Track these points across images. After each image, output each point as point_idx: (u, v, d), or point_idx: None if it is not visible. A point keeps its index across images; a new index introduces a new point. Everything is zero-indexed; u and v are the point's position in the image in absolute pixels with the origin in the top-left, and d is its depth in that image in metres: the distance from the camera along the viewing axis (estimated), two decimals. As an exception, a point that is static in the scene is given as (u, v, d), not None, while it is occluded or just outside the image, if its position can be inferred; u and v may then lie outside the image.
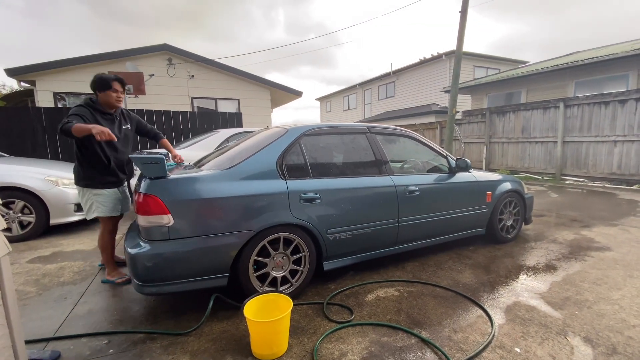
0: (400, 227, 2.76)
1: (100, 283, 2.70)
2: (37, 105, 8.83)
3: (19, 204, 3.80)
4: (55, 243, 3.74)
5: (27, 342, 1.85)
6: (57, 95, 9.27)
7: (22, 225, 3.86)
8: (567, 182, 8.26)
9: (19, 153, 6.00)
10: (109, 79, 2.53)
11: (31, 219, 3.87)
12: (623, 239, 3.70)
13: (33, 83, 9.26)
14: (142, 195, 1.94)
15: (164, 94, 10.05)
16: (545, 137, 8.83)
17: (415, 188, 2.82)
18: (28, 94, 11.24)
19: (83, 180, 2.54)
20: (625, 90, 7.96)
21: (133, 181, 4.79)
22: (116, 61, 9.41)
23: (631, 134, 7.19)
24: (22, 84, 9.63)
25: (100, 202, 2.57)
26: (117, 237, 3.99)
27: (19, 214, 3.82)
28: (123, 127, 2.69)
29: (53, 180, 3.96)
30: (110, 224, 2.68)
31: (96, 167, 2.52)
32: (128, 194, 2.85)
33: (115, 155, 2.60)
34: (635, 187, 7.09)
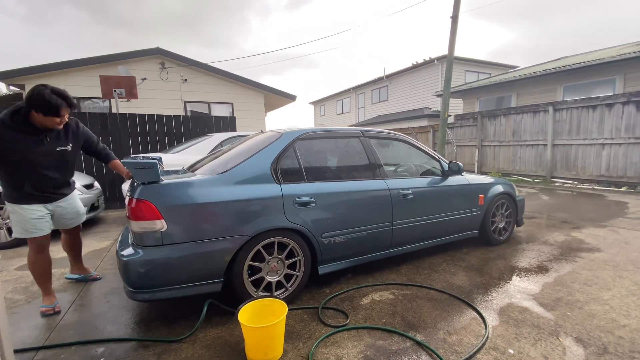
0: (394, 230, 2.77)
1: (91, 291, 2.66)
2: (26, 110, 8.69)
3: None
4: (45, 249, 3.66)
5: (16, 351, 1.81)
6: (47, 100, 9.14)
7: (10, 231, 3.78)
8: (557, 184, 8.39)
9: (7, 158, 5.88)
10: (59, 106, 2.01)
11: (20, 225, 3.80)
12: (612, 240, 3.76)
13: (22, 87, 9.12)
14: (134, 200, 1.92)
15: (156, 98, 9.99)
16: (535, 140, 8.98)
17: (409, 191, 2.85)
18: (17, 98, 11.05)
19: (8, 196, 2.15)
20: (612, 94, 8.15)
21: (125, 186, 4.74)
22: (108, 65, 9.34)
23: (618, 136, 7.34)
24: (11, 87, 9.49)
25: (15, 220, 2.16)
26: (109, 243, 3.96)
27: (7, 221, 3.75)
28: (58, 149, 2.19)
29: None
30: (34, 244, 2.23)
31: (9, 180, 2.12)
32: (75, 207, 2.47)
33: (36, 178, 2.16)
34: (623, 188, 7.23)
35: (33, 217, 2.18)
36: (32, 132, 2.06)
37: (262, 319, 1.84)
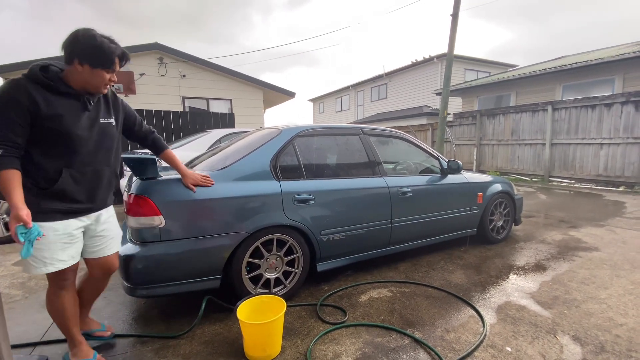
0: (393, 228, 2.77)
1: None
2: (23, 104, 8.62)
3: (5, 205, 3.71)
4: (42, 245, 3.65)
5: (14, 346, 1.80)
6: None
7: (7, 226, 3.77)
8: (555, 183, 8.41)
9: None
10: (113, 53, 1.44)
11: (17, 220, 3.78)
12: (610, 239, 3.78)
13: (19, 81, 9.04)
14: (132, 196, 1.91)
15: (154, 93, 9.93)
16: (534, 139, 8.99)
17: (408, 189, 2.84)
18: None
19: None
20: (611, 94, 8.16)
21: (123, 182, 4.72)
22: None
23: (617, 136, 7.36)
24: (8, 82, 9.41)
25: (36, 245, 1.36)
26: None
27: (5, 215, 3.73)
28: (102, 120, 1.55)
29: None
30: (57, 278, 1.53)
31: (29, 184, 1.38)
32: (115, 225, 1.74)
33: (76, 162, 1.46)
34: (620, 188, 7.26)
35: (68, 236, 1.49)
36: (71, 94, 1.44)
37: (261, 315, 1.83)
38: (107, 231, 1.66)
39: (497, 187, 3.61)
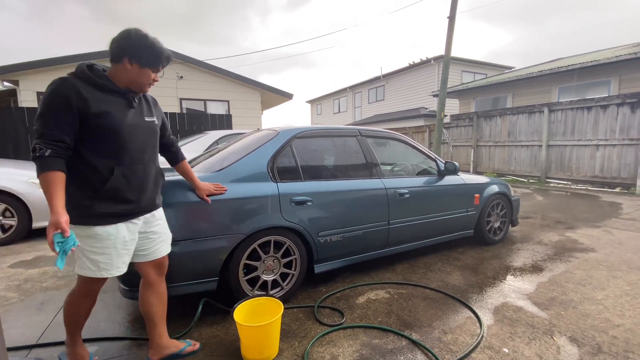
0: (390, 229, 2.77)
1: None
2: (20, 106, 8.59)
3: (0, 206, 3.68)
4: (38, 247, 3.63)
5: (9, 349, 1.79)
6: (41, 95, 9.04)
7: (3, 228, 3.74)
8: (551, 184, 8.45)
9: (0, 154, 5.82)
10: (162, 54, 1.51)
11: (13, 222, 3.75)
12: (606, 240, 3.80)
13: (16, 83, 9.01)
14: (129, 198, 1.90)
15: (151, 94, 9.91)
16: (530, 141, 9.04)
17: (406, 191, 2.85)
18: (11, 94, 10.92)
19: (70, 210, 1.31)
20: (607, 95, 8.22)
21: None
22: (102, 61, 9.17)
23: (613, 138, 7.41)
24: (5, 83, 9.38)
25: (86, 249, 1.39)
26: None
27: (0, 217, 3.70)
28: (147, 118, 1.57)
29: (36, 182, 3.85)
30: (92, 286, 1.52)
31: (83, 186, 1.38)
32: (165, 226, 1.69)
33: (126, 160, 1.44)
34: (617, 189, 7.30)
35: (122, 242, 1.45)
36: (118, 91, 1.45)
37: (258, 317, 1.83)
38: (157, 233, 1.62)
39: (494, 188, 3.63)
